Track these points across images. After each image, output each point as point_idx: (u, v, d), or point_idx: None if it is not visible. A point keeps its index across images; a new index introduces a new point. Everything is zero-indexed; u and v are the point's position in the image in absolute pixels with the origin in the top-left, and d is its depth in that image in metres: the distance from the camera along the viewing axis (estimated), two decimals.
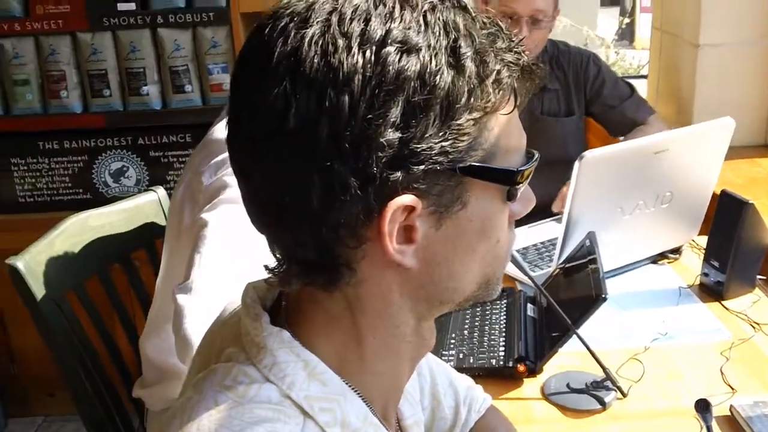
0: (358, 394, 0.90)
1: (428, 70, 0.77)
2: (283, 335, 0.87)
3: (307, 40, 0.77)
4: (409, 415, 1.09)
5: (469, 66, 0.79)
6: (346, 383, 0.89)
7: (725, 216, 2.04)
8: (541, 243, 2.41)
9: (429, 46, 0.77)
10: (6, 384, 3.69)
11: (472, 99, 0.79)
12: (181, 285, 1.62)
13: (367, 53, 0.76)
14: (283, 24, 0.80)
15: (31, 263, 1.94)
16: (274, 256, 0.88)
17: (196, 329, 1.54)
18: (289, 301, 0.94)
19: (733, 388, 1.67)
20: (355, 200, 0.78)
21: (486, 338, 1.86)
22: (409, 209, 0.80)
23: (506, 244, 0.91)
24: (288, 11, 0.81)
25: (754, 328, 1.91)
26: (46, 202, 3.43)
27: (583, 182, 1.94)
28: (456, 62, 0.78)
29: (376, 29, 0.77)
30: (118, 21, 3.18)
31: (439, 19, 0.79)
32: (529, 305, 1.98)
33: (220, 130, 1.82)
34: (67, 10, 3.16)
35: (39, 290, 1.93)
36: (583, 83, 3.07)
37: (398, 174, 0.77)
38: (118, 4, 3.16)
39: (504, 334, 1.87)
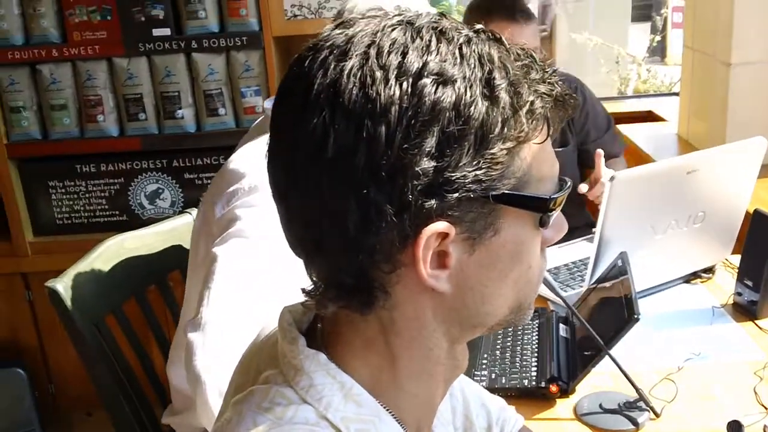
0: (392, 415, 0.91)
1: (463, 101, 0.79)
2: (319, 357, 0.89)
3: (346, 72, 0.80)
4: None
5: (503, 97, 0.81)
6: (381, 404, 0.90)
7: (758, 235, 2.04)
8: (572, 263, 2.42)
9: (464, 77, 0.80)
10: (44, 404, 3.72)
11: (505, 129, 0.81)
12: (191, 320, 1.64)
13: (404, 85, 0.78)
14: (323, 56, 0.82)
15: (70, 286, 1.97)
16: (311, 279, 0.90)
17: (206, 364, 1.56)
18: (324, 324, 0.96)
19: (766, 408, 1.66)
20: (390, 226, 0.80)
21: (518, 358, 1.87)
22: (443, 235, 0.82)
23: (538, 270, 0.93)
24: (328, 44, 0.83)
25: None
26: (84, 224, 3.48)
27: (614, 202, 1.94)
28: (490, 93, 0.80)
29: (413, 62, 0.79)
30: (153, 46, 3.23)
31: (474, 51, 0.82)
32: (561, 325, 1.98)
33: (237, 160, 1.84)
34: (104, 36, 3.21)
35: (78, 312, 1.96)
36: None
37: (433, 201, 0.79)
38: (153, 30, 3.21)
39: (536, 354, 1.88)
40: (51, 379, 3.73)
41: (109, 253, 2.14)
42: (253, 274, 1.63)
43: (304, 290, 0.91)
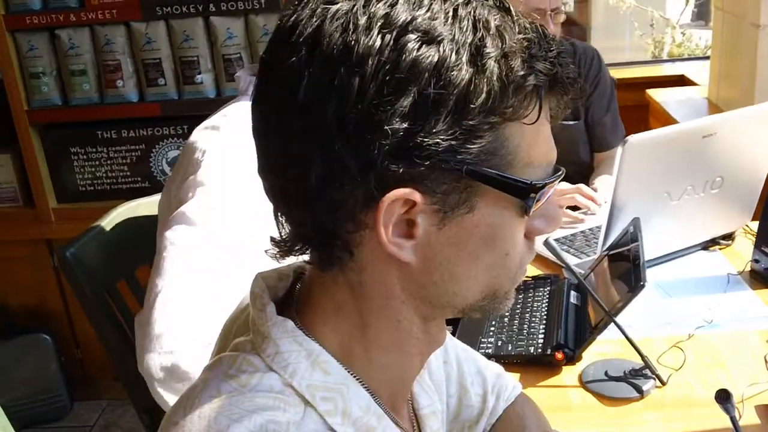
0: (363, 384, 0.89)
1: (446, 63, 0.75)
2: (286, 325, 0.87)
3: (330, 14, 0.77)
4: (425, 405, 1.08)
5: (492, 67, 0.76)
6: (350, 373, 0.88)
7: None
8: (589, 229, 2.38)
9: (453, 39, 0.76)
10: (72, 369, 3.77)
11: (490, 101, 0.76)
12: (139, 315, 1.63)
13: (387, 37, 0.75)
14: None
15: (80, 252, 1.98)
16: (279, 227, 0.88)
17: (154, 363, 1.55)
18: (302, 290, 0.94)
19: None
20: (354, 185, 0.77)
21: (526, 325, 1.85)
22: (411, 204, 0.78)
23: (517, 259, 0.88)
24: None
25: None
26: (106, 191, 3.49)
27: (627, 167, 1.90)
28: (478, 61, 0.76)
29: (401, 14, 0.76)
30: (171, 10, 3.21)
31: (470, 14, 0.78)
32: (572, 293, 1.95)
33: (198, 132, 1.80)
34: (122, 0, 3.20)
35: (87, 278, 1.96)
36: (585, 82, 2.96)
37: (401, 165, 0.76)
38: None
39: (544, 321, 1.85)
40: (78, 344, 3.78)
41: (121, 219, 2.15)
42: (202, 266, 1.60)
43: (272, 239, 0.89)
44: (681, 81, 4.04)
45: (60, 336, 3.68)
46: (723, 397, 1.19)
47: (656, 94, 3.77)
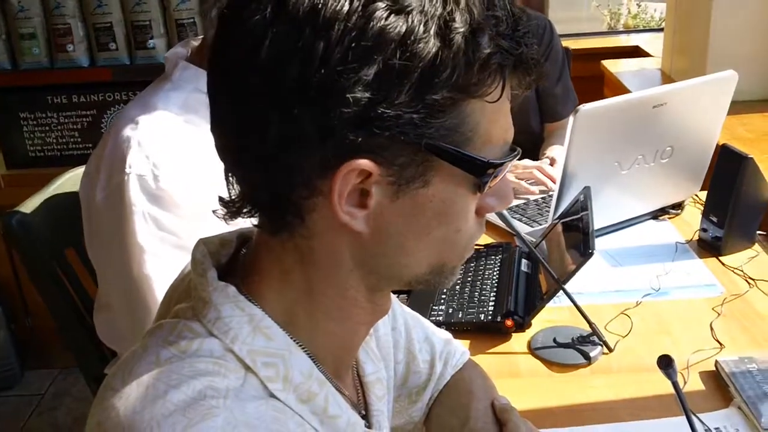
0: (305, 350, 0.89)
1: (413, 35, 0.74)
2: (228, 290, 0.87)
3: None
4: (371, 372, 1.08)
5: (459, 42, 0.75)
6: (293, 339, 0.88)
7: (725, 171, 2.01)
8: (542, 198, 2.40)
9: (422, 11, 0.75)
10: (23, 337, 3.73)
11: (454, 77, 0.76)
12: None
13: (355, 3, 0.74)
14: None
15: (27, 220, 1.94)
16: (229, 187, 0.87)
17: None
18: (247, 256, 0.94)
19: (721, 344, 1.66)
20: (311, 151, 0.76)
21: (477, 293, 1.86)
22: (366, 174, 0.78)
23: (467, 235, 0.88)
24: None
25: (749, 283, 1.90)
26: (56, 157, 3.45)
27: (578, 137, 1.91)
28: (445, 35, 0.75)
29: None
30: None
31: None
32: (524, 261, 1.96)
33: (122, 118, 1.70)
34: None
35: (37, 247, 1.93)
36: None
37: (360, 134, 0.75)
38: None
39: (495, 289, 1.86)
40: (28, 312, 3.74)
41: (71, 184, 2.11)
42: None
43: (221, 199, 0.88)
44: (636, 52, 4.07)
45: (10, 304, 3.65)
46: (665, 363, 1.20)
47: (611, 65, 3.79)
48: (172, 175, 1.60)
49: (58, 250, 2.03)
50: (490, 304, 1.80)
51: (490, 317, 1.75)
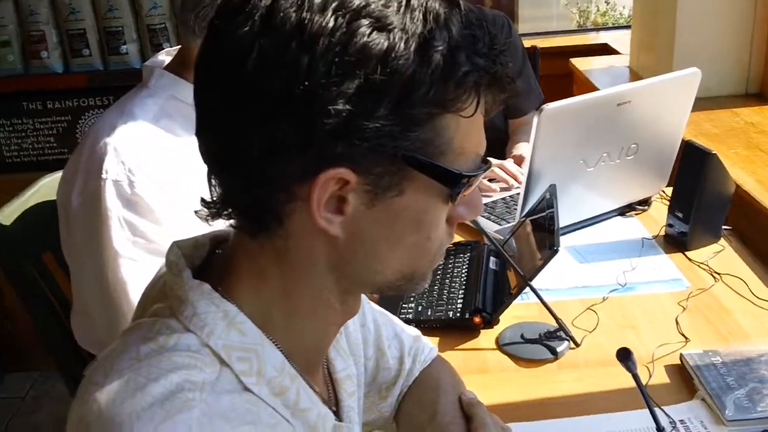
0: (278, 346, 0.92)
1: (394, 52, 0.77)
2: (203, 287, 0.90)
3: None
4: (341, 369, 1.11)
5: (437, 59, 0.79)
6: (267, 335, 0.91)
7: (689, 167, 2.05)
8: (510, 196, 2.43)
9: (403, 29, 0.78)
10: (1, 341, 3.74)
11: (431, 92, 0.79)
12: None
13: (340, 20, 0.77)
14: None
15: (5, 222, 1.96)
16: (211, 189, 0.90)
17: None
18: (219, 257, 0.97)
19: (686, 338, 1.70)
20: (292, 159, 0.80)
21: (446, 291, 1.89)
22: (344, 182, 0.81)
23: (437, 243, 0.92)
24: None
25: (714, 278, 1.94)
26: (33, 162, 3.48)
27: (543, 135, 1.95)
28: (425, 52, 0.79)
29: None
30: None
31: (422, 5, 0.80)
32: (492, 258, 2.00)
33: (112, 143, 1.68)
34: None
35: (14, 250, 1.95)
36: None
37: (340, 145, 0.78)
38: None
39: (464, 286, 1.90)
40: (6, 315, 3.75)
41: (47, 189, 2.13)
42: None
43: (203, 200, 0.91)
44: (605, 50, 4.10)
45: None
46: (624, 356, 1.24)
47: (580, 62, 3.82)
48: (147, 181, 1.63)
49: (36, 254, 2.05)
50: (459, 301, 1.84)
51: (458, 314, 1.79)
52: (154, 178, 1.64)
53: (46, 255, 2.09)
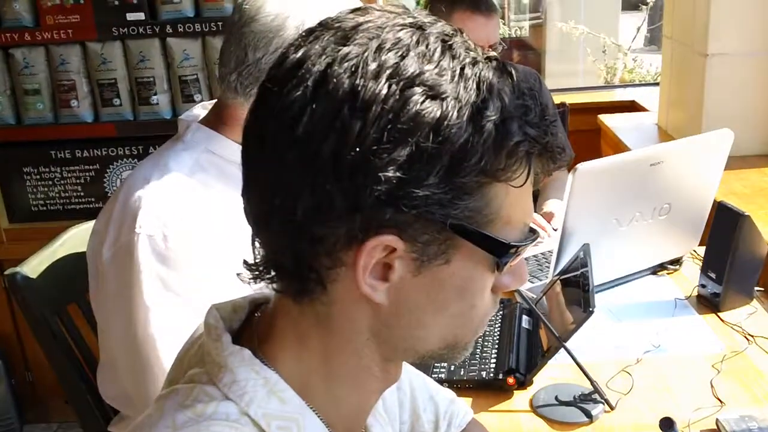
0: (318, 415, 0.90)
1: (447, 121, 0.77)
2: (243, 353, 0.88)
3: (340, 56, 0.79)
4: None
5: (489, 129, 0.78)
6: (307, 404, 0.89)
7: (722, 227, 2.04)
8: (542, 254, 2.42)
9: (456, 98, 0.78)
10: (22, 391, 3.72)
11: (483, 162, 0.78)
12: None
13: (393, 87, 0.77)
14: (327, 36, 0.81)
15: (31, 274, 1.96)
16: (254, 251, 0.89)
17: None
18: (258, 321, 0.95)
19: (721, 402, 1.66)
20: (339, 223, 0.78)
21: (478, 350, 1.87)
22: (391, 249, 0.80)
23: (482, 312, 0.90)
24: (335, 24, 0.83)
25: (748, 340, 1.91)
26: (59, 211, 3.46)
27: (577, 194, 1.94)
28: (477, 121, 0.78)
29: (410, 66, 0.78)
30: (128, 30, 3.20)
31: (475, 74, 0.80)
32: (524, 317, 1.98)
33: (146, 197, 1.66)
34: (77, 20, 3.19)
35: (38, 301, 1.94)
36: None
37: (388, 212, 0.77)
38: (127, 14, 3.18)
39: (497, 346, 1.88)
40: (28, 367, 3.73)
41: (74, 241, 2.13)
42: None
43: (245, 262, 0.90)
44: (632, 106, 4.12)
45: (11, 358, 3.64)
46: (667, 425, 1.22)
47: (608, 119, 3.84)
48: (181, 235, 1.61)
49: (61, 305, 2.04)
50: (492, 361, 1.81)
51: (492, 375, 1.77)
52: (187, 232, 1.63)
53: (71, 306, 2.08)
